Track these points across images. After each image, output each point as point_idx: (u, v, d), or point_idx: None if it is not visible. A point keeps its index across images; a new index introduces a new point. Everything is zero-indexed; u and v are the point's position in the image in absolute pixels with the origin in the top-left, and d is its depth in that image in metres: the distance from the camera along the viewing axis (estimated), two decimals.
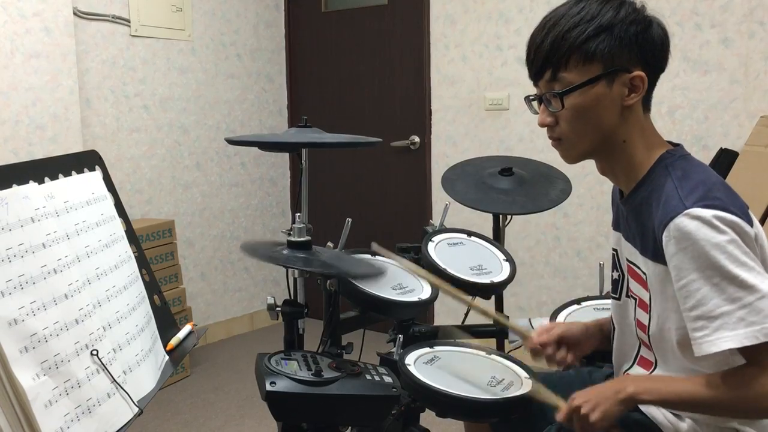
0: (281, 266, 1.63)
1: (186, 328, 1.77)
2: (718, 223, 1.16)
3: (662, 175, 1.28)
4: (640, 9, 1.29)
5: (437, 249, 2.01)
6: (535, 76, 1.33)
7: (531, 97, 1.38)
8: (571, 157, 1.36)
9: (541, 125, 1.35)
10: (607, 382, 1.33)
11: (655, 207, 1.26)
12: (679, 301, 1.22)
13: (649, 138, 1.33)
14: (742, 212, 1.20)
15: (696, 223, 1.17)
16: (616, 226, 1.46)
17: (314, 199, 2.00)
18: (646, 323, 1.34)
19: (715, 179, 1.26)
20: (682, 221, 1.18)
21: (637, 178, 1.33)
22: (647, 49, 1.28)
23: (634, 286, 1.38)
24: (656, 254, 1.26)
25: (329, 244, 1.91)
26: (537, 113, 1.37)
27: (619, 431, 1.27)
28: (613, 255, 1.48)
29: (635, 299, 1.37)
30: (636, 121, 1.31)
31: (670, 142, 1.36)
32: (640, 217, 1.32)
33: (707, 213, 1.17)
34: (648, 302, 1.33)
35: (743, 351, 1.17)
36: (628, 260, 1.39)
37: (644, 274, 1.33)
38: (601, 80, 1.26)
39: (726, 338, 1.15)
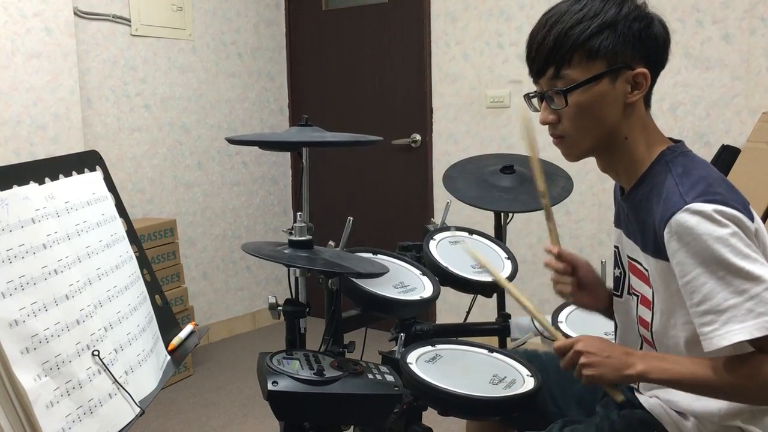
0: (283, 265, 1.62)
1: (188, 328, 1.76)
2: (719, 217, 1.16)
3: (663, 172, 1.28)
4: (641, 6, 1.28)
5: (439, 247, 2.01)
6: (536, 73, 1.32)
7: (531, 95, 1.37)
8: (573, 155, 1.36)
9: (543, 123, 1.34)
10: (618, 349, 1.29)
11: (656, 203, 1.25)
12: (684, 297, 1.21)
13: (651, 135, 1.33)
14: (743, 207, 1.20)
15: (697, 218, 1.17)
16: (618, 223, 1.46)
17: (315, 198, 2.00)
18: (649, 320, 1.33)
19: (715, 175, 1.25)
20: (683, 217, 1.18)
21: (638, 174, 1.33)
22: (650, 46, 1.27)
23: (636, 283, 1.37)
24: (657, 250, 1.25)
25: (331, 242, 1.91)
26: (537, 111, 1.36)
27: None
28: (615, 252, 1.47)
29: (637, 296, 1.37)
30: (638, 118, 1.31)
31: (671, 139, 1.36)
32: (640, 213, 1.32)
33: (708, 207, 1.17)
34: (651, 299, 1.32)
35: (752, 342, 1.16)
36: (629, 257, 1.39)
37: (646, 270, 1.32)
38: (604, 77, 1.26)
39: (736, 331, 1.14)
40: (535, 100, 1.37)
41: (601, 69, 1.26)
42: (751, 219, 1.21)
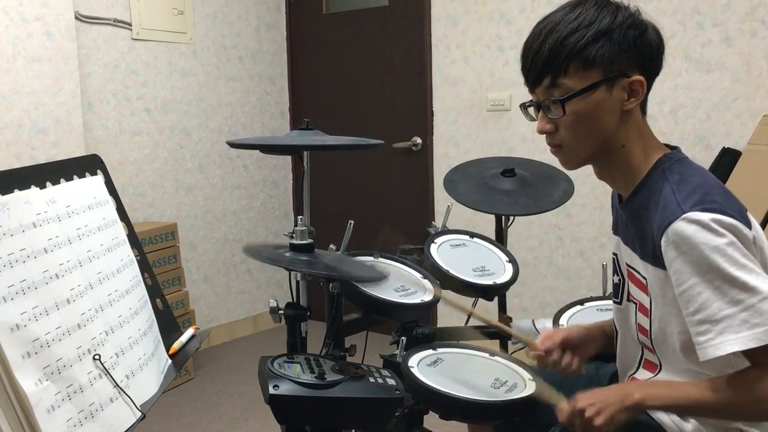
0: (284, 269, 1.62)
1: (189, 332, 1.76)
2: (716, 226, 1.16)
3: (660, 180, 1.28)
4: (635, 13, 1.29)
5: (440, 250, 2.01)
6: (532, 83, 1.32)
7: (527, 104, 1.37)
8: (572, 163, 1.36)
9: (541, 132, 1.34)
10: (612, 387, 1.33)
11: (653, 212, 1.25)
12: (680, 306, 1.21)
13: (647, 142, 1.33)
14: (741, 215, 1.20)
15: (694, 227, 1.17)
16: (616, 230, 1.46)
17: (316, 202, 2.00)
18: (647, 327, 1.33)
19: (712, 182, 1.25)
20: (681, 226, 1.18)
21: (635, 182, 1.33)
22: (645, 53, 1.27)
23: (634, 291, 1.37)
24: (655, 259, 1.25)
25: (332, 246, 1.91)
26: (533, 120, 1.36)
27: None
28: (614, 259, 1.47)
29: (635, 303, 1.37)
30: (634, 126, 1.31)
31: (667, 145, 1.36)
32: (638, 221, 1.32)
33: (705, 216, 1.17)
34: (648, 307, 1.32)
35: (747, 353, 1.17)
36: (627, 264, 1.39)
37: (644, 278, 1.32)
38: (601, 86, 1.26)
39: (730, 341, 1.14)
40: (531, 110, 1.37)
41: (597, 77, 1.26)
42: (749, 227, 1.21)
